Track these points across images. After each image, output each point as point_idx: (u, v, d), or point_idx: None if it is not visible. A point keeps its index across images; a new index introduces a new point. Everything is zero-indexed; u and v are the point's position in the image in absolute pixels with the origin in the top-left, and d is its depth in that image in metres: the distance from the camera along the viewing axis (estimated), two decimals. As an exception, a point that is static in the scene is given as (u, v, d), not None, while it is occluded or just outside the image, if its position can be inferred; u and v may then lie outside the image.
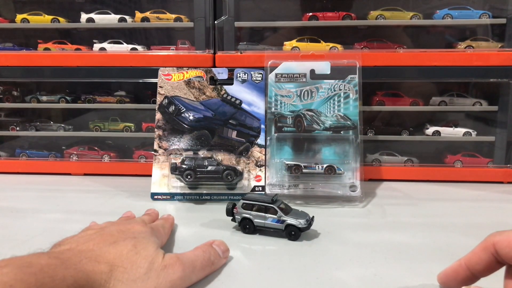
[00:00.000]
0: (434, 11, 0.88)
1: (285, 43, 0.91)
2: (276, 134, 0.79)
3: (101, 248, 0.44)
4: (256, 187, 0.77)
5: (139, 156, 0.95)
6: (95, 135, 0.97)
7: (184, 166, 0.76)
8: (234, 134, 0.80)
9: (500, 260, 0.40)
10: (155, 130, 0.80)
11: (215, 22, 0.89)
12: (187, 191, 0.77)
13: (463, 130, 0.90)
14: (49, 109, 1.01)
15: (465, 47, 0.87)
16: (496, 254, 0.39)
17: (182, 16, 0.92)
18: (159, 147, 0.79)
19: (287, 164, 0.77)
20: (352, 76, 0.79)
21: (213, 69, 0.84)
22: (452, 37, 0.92)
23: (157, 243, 0.50)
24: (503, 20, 0.86)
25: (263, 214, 0.61)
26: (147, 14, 0.93)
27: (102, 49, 0.94)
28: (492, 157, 0.89)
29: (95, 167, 0.94)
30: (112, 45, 0.94)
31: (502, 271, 0.41)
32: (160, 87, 0.82)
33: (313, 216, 0.62)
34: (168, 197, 0.77)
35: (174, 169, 0.76)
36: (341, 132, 0.78)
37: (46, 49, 0.95)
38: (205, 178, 0.76)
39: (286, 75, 0.81)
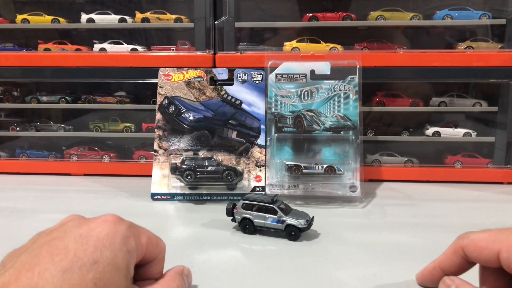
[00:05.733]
0: (434, 11, 0.89)
1: (285, 43, 0.91)
2: (276, 135, 0.79)
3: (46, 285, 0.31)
4: (256, 188, 0.77)
5: (139, 156, 0.95)
6: (95, 136, 0.97)
7: (184, 166, 0.76)
8: (234, 135, 0.80)
9: (470, 261, 0.41)
10: (155, 130, 0.80)
11: (215, 22, 0.89)
12: (187, 191, 0.77)
13: (463, 130, 0.90)
14: (49, 110, 1.01)
15: (465, 48, 0.88)
16: (465, 256, 0.41)
17: (182, 17, 0.92)
18: (159, 147, 0.79)
19: (287, 164, 0.77)
20: (352, 76, 0.79)
21: (213, 69, 0.84)
22: (452, 37, 0.92)
23: (128, 270, 0.36)
24: (503, 21, 0.86)
25: (263, 214, 0.61)
26: (147, 14, 0.93)
27: (102, 49, 0.94)
28: (492, 158, 0.89)
29: (95, 167, 0.94)
30: (112, 45, 0.94)
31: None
32: (160, 87, 0.82)
33: (313, 217, 0.62)
34: (168, 197, 0.77)
35: (174, 169, 0.76)
36: (341, 132, 0.78)
37: (46, 49, 0.95)
38: (205, 178, 0.76)
39: (286, 76, 0.81)
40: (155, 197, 0.77)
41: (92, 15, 0.94)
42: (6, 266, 0.33)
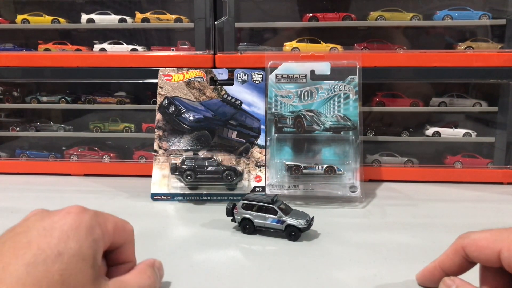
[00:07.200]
0: (434, 12, 0.89)
1: (285, 43, 0.91)
2: (276, 135, 0.79)
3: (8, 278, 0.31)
4: (256, 188, 0.77)
5: (139, 156, 0.95)
6: (95, 136, 0.97)
7: (184, 166, 0.76)
8: (234, 135, 0.80)
9: (471, 261, 0.41)
10: (155, 130, 0.80)
11: (215, 23, 0.89)
12: (187, 191, 0.77)
13: (463, 131, 0.90)
14: (49, 110, 1.01)
15: (465, 48, 0.88)
16: (466, 256, 0.41)
17: (182, 17, 0.92)
18: (159, 147, 0.79)
19: (287, 164, 0.77)
20: (352, 76, 0.79)
21: (213, 69, 0.84)
22: (452, 38, 0.92)
23: (95, 259, 0.36)
24: (503, 21, 0.86)
25: (263, 214, 0.61)
26: (147, 15, 0.93)
27: (103, 49, 0.94)
28: (492, 158, 0.89)
29: (95, 167, 0.94)
30: (112, 45, 0.94)
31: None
32: (160, 87, 0.82)
33: (313, 217, 0.62)
34: (168, 197, 0.77)
35: (174, 169, 0.76)
36: (341, 132, 0.78)
37: (46, 49, 0.95)
38: (205, 178, 0.76)
39: (286, 76, 0.81)
40: (155, 197, 0.77)
41: (92, 15, 0.94)
42: None
